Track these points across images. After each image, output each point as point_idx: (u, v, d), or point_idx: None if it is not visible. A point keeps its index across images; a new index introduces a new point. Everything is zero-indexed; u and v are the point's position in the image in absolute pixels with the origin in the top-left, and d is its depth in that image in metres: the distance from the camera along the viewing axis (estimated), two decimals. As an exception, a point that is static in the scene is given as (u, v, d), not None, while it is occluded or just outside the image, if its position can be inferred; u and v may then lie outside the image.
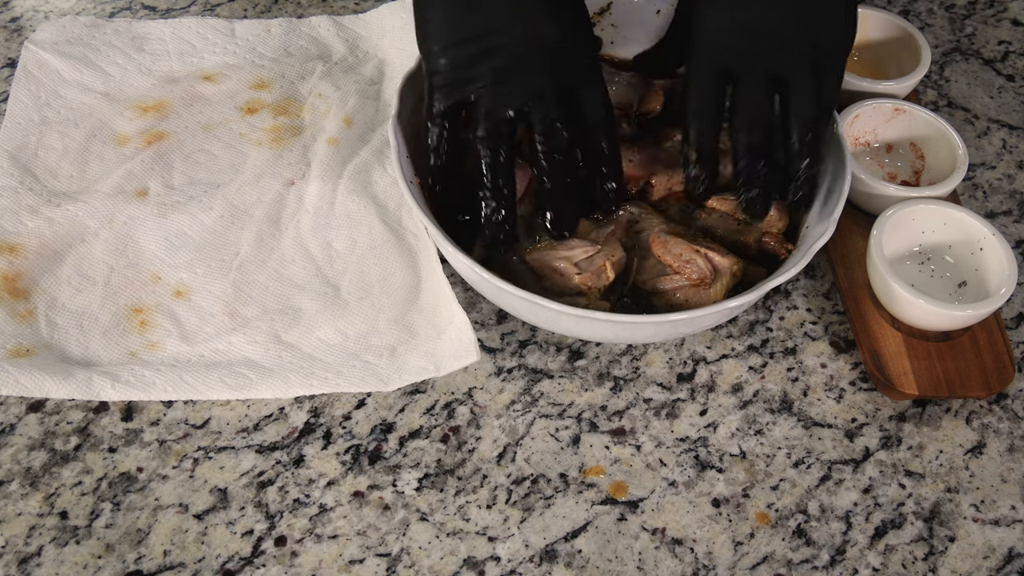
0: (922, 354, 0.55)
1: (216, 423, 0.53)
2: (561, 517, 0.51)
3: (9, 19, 0.75)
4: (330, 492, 0.51)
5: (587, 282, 0.53)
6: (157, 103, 0.66)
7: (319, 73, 0.69)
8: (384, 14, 0.74)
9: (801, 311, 0.60)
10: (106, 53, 0.69)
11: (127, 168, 0.62)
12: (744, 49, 0.51)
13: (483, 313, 0.59)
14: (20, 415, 0.53)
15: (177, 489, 0.51)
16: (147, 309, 0.57)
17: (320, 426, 0.53)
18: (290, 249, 0.60)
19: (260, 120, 0.66)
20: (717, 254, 0.53)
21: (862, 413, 0.56)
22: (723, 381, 0.56)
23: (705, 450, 0.53)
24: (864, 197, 0.61)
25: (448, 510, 0.51)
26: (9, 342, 0.54)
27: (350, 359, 0.55)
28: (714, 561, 0.49)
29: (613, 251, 0.54)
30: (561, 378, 0.56)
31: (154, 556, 0.48)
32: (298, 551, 0.49)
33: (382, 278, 0.58)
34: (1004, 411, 0.56)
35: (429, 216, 0.51)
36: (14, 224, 0.58)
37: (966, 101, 0.74)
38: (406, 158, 0.54)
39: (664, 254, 0.53)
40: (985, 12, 0.81)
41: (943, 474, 0.53)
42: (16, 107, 0.66)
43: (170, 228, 0.60)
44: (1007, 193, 0.68)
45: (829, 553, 0.50)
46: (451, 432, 0.54)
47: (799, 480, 0.53)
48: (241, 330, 0.55)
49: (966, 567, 0.50)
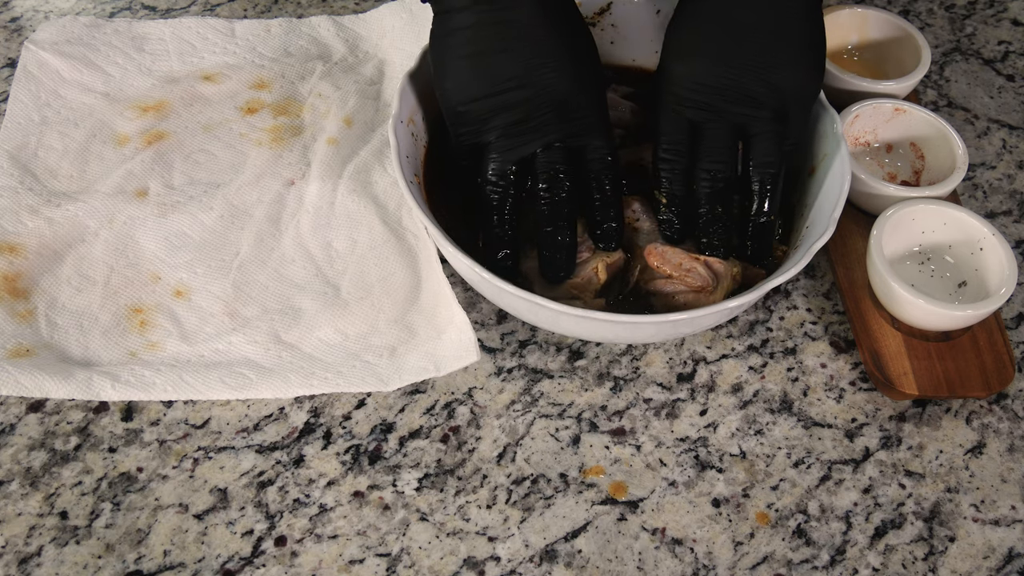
0: (922, 354, 0.55)
1: (216, 423, 0.53)
2: (561, 517, 0.51)
3: (9, 19, 0.75)
4: (330, 492, 0.51)
5: (578, 286, 0.53)
6: (157, 103, 0.66)
7: (319, 73, 0.69)
8: (384, 14, 0.74)
9: (801, 311, 0.60)
10: (106, 53, 0.69)
11: (127, 168, 0.62)
12: (708, 102, 0.54)
13: (483, 313, 0.59)
14: (20, 415, 0.53)
15: (177, 489, 0.51)
16: (147, 309, 0.57)
17: (320, 426, 0.53)
18: (290, 249, 0.60)
19: (260, 120, 0.66)
20: (716, 259, 0.54)
21: (862, 413, 0.56)
22: (723, 381, 0.56)
23: (705, 450, 0.53)
24: (864, 197, 0.61)
25: (448, 510, 0.51)
26: (9, 342, 0.54)
27: (350, 359, 0.55)
28: (714, 561, 0.49)
29: (610, 252, 0.55)
30: (561, 378, 0.56)
31: (154, 556, 0.48)
32: (298, 551, 0.49)
33: (382, 278, 0.58)
34: (1004, 411, 0.56)
35: (429, 216, 0.51)
36: (14, 224, 0.58)
37: (966, 101, 0.74)
38: (406, 158, 0.54)
39: (662, 264, 0.53)
40: (985, 12, 0.81)
41: (943, 474, 0.53)
42: (16, 107, 0.65)
43: (170, 228, 0.60)
44: (1007, 193, 0.68)
45: (829, 553, 0.50)
46: (451, 432, 0.54)
47: (799, 480, 0.53)
48: (241, 330, 0.55)
49: (966, 567, 0.50)
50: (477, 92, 0.52)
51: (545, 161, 0.53)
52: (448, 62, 0.53)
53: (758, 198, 0.54)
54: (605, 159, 0.54)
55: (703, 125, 0.54)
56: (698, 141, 0.54)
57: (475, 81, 0.52)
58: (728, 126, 0.54)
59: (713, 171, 0.54)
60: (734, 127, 0.54)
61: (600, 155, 0.54)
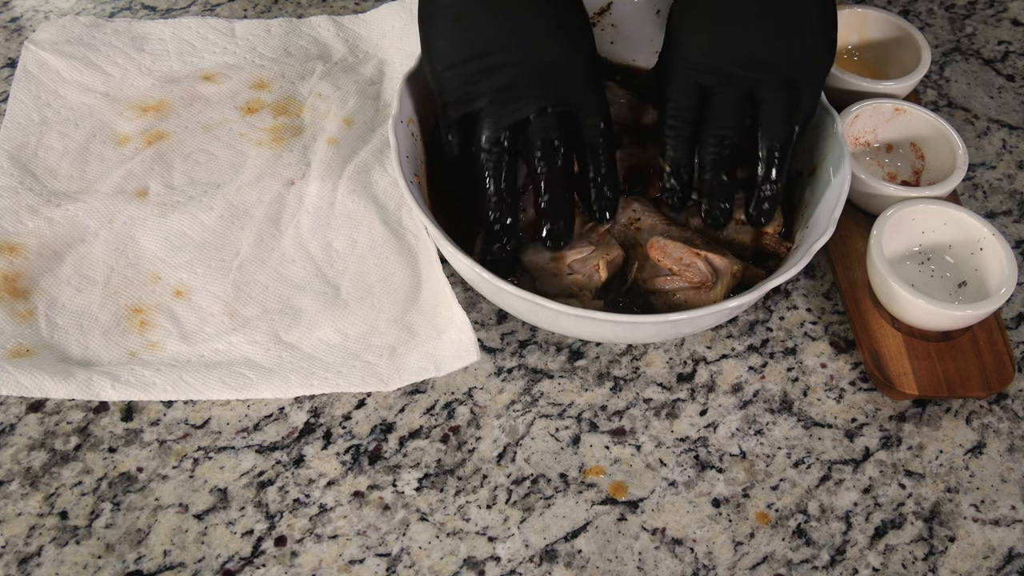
0: (922, 354, 0.55)
1: (216, 423, 0.53)
2: (561, 517, 0.51)
3: (9, 19, 0.75)
4: (330, 492, 0.51)
5: (579, 283, 0.53)
6: (157, 103, 0.66)
7: (319, 73, 0.69)
8: (384, 14, 0.74)
9: (801, 311, 0.60)
10: (106, 53, 0.69)
11: (127, 168, 0.62)
12: (720, 67, 0.53)
13: (483, 313, 0.59)
14: (20, 415, 0.53)
15: (177, 489, 0.51)
16: (147, 309, 0.57)
17: (320, 426, 0.53)
18: (290, 249, 0.60)
19: (260, 120, 0.66)
20: (717, 256, 0.53)
21: (862, 413, 0.56)
22: (723, 381, 0.56)
23: (705, 450, 0.53)
24: (864, 197, 0.61)
25: (448, 510, 0.51)
26: (9, 342, 0.54)
27: (350, 359, 0.55)
28: (714, 561, 0.49)
29: (609, 250, 0.54)
30: (561, 378, 0.56)
31: (154, 556, 0.48)
32: (298, 551, 0.49)
33: (382, 278, 0.58)
34: (1004, 411, 0.56)
35: (429, 216, 0.51)
36: (14, 224, 0.58)
37: (966, 101, 0.74)
38: (406, 158, 0.54)
39: (663, 258, 0.53)
40: (985, 12, 0.81)
41: (943, 474, 0.53)
42: (16, 107, 0.65)
43: (170, 228, 0.60)
44: (1007, 193, 0.68)
45: (829, 553, 0.50)
46: (451, 432, 0.54)
47: (799, 480, 0.53)
48: (241, 330, 0.55)
49: (966, 567, 0.50)
50: (463, 54, 0.52)
51: (539, 128, 0.51)
52: (435, 26, 0.53)
53: (764, 165, 0.53)
54: (598, 125, 0.53)
55: (712, 90, 0.53)
56: (706, 108, 0.53)
57: (460, 43, 0.52)
58: (738, 91, 0.53)
59: (720, 136, 0.53)
60: (744, 93, 0.53)
61: (593, 121, 0.53)
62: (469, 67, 0.52)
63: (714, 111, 0.53)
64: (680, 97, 0.54)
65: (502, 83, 0.51)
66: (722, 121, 0.53)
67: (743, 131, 0.53)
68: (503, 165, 0.52)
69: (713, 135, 0.53)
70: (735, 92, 0.53)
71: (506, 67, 0.51)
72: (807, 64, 0.54)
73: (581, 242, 0.55)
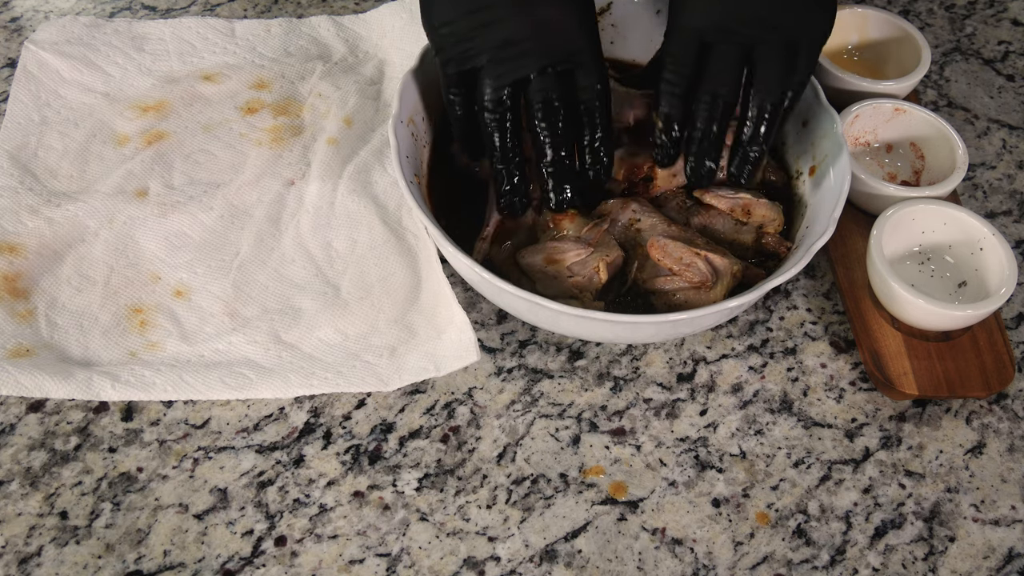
0: (922, 354, 0.55)
1: (216, 423, 0.53)
2: (561, 517, 0.51)
3: (9, 19, 0.75)
4: (330, 492, 0.51)
5: (579, 284, 0.53)
6: (157, 103, 0.66)
7: (319, 73, 0.69)
8: (384, 14, 0.74)
9: (801, 311, 0.60)
10: (106, 53, 0.69)
11: (127, 168, 0.62)
12: (723, 24, 0.53)
13: (483, 313, 0.59)
14: (20, 415, 0.53)
15: (177, 489, 0.51)
16: (147, 309, 0.57)
17: (320, 426, 0.53)
18: (290, 249, 0.60)
19: (260, 120, 0.66)
20: (717, 255, 0.53)
21: (862, 413, 0.56)
22: (723, 381, 0.56)
23: (705, 450, 0.53)
24: (864, 197, 0.61)
25: (448, 510, 0.51)
26: (9, 342, 0.54)
27: (350, 359, 0.55)
28: (714, 561, 0.49)
29: (609, 251, 0.54)
30: (561, 378, 0.56)
31: (154, 556, 0.48)
32: (298, 551, 0.49)
33: (382, 278, 0.58)
34: (1004, 411, 0.56)
35: (429, 216, 0.51)
36: (14, 224, 0.58)
37: (966, 101, 0.74)
38: (406, 158, 0.54)
39: (663, 258, 0.53)
40: (985, 12, 0.81)
41: (943, 474, 0.53)
42: (16, 107, 0.65)
43: (170, 228, 0.60)
44: (1007, 193, 0.68)
45: (829, 553, 0.50)
46: (451, 432, 0.54)
47: (799, 480, 0.53)
48: (241, 330, 0.55)
49: (966, 567, 0.50)
50: (461, 9, 0.52)
51: (539, 88, 0.52)
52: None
53: (753, 124, 0.53)
54: (595, 87, 0.53)
55: (712, 47, 0.53)
56: (704, 65, 0.53)
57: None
58: (737, 49, 0.53)
59: (715, 92, 0.53)
60: (743, 51, 0.53)
61: (590, 82, 0.53)
62: (467, 22, 0.52)
63: (711, 68, 0.53)
64: (678, 52, 0.54)
65: (501, 38, 0.52)
66: (719, 78, 0.53)
67: (737, 89, 0.54)
68: (507, 123, 0.52)
69: (707, 91, 0.53)
70: (735, 50, 0.53)
71: (504, 21, 0.52)
72: (809, 27, 0.54)
73: (578, 244, 0.55)
